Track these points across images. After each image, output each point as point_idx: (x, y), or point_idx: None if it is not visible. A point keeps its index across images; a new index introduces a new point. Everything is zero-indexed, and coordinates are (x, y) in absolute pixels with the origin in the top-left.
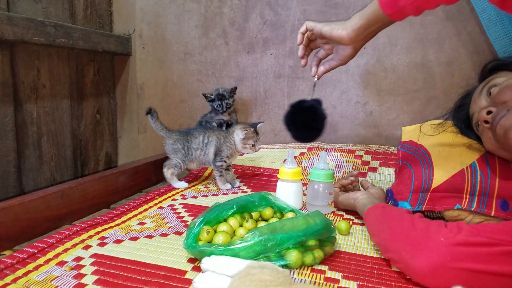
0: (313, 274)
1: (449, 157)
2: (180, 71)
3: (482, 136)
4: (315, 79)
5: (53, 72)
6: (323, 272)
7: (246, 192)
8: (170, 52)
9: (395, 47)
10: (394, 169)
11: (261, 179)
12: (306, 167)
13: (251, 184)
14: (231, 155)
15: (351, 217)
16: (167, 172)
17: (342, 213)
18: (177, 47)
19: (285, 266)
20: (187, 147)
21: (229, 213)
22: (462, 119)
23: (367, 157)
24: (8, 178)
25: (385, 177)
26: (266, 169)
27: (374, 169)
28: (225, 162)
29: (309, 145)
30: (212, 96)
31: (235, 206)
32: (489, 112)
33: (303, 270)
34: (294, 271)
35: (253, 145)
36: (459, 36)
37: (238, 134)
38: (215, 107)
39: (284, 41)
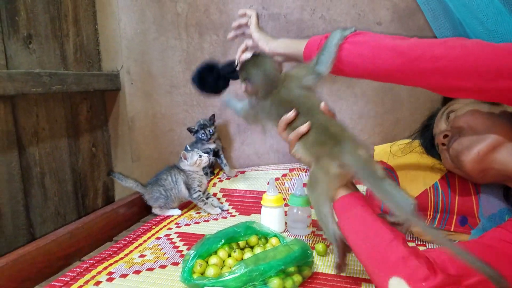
0: None
1: (414, 179)
2: (167, 103)
3: (441, 157)
4: (237, 62)
5: (50, 115)
6: None
7: (234, 215)
8: (157, 86)
9: None
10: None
11: (247, 201)
12: (288, 188)
13: (239, 206)
14: (200, 181)
15: None
16: (155, 210)
17: (321, 233)
18: (163, 80)
19: None
20: (163, 190)
21: (219, 245)
22: (427, 139)
23: None
24: (18, 217)
25: None
26: (252, 191)
27: None
28: (200, 191)
29: (290, 166)
30: (195, 128)
31: (223, 239)
32: (445, 136)
33: None
34: None
35: (200, 161)
36: None
37: (184, 164)
38: (200, 136)
39: None
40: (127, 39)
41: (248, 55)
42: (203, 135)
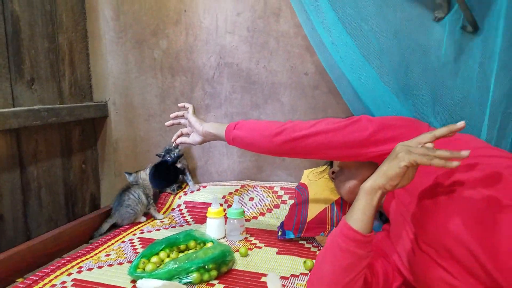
0: (206, 287)
1: (319, 198)
2: (146, 129)
3: (334, 185)
4: (174, 143)
5: (47, 141)
6: (213, 285)
7: (190, 224)
8: (137, 115)
9: (296, 112)
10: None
11: (204, 212)
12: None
13: (196, 216)
14: (151, 190)
15: (256, 241)
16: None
17: (251, 239)
18: (142, 111)
19: (189, 283)
20: (131, 209)
21: (160, 248)
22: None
23: (281, 192)
24: (18, 222)
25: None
26: (208, 203)
27: (284, 202)
28: (151, 199)
29: (242, 183)
30: (162, 153)
31: (164, 244)
32: (333, 172)
33: (201, 285)
34: (195, 286)
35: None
36: (338, 105)
37: (146, 173)
38: (166, 159)
39: (220, 106)
40: (114, 76)
41: (184, 139)
42: (169, 157)
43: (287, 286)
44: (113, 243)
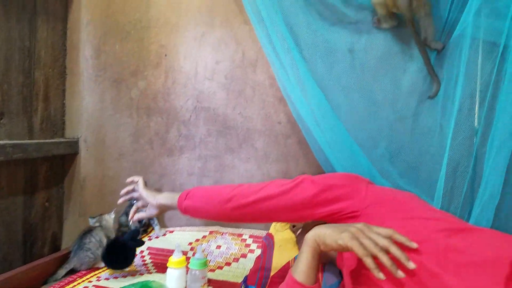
0: None
1: (284, 250)
2: (115, 168)
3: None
4: (130, 222)
5: (10, 176)
6: None
7: (151, 272)
8: (108, 153)
9: (269, 158)
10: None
11: (167, 260)
12: (204, 249)
13: (159, 264)
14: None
15: None
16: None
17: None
18: (114, 149)
19: None
20: (91, 253)
21: None
22: None
23: (249, 240)
24: None
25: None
26: (172, 250)
27: (252, 251)
28: None
29: (210, 229)
30: (128, 202)
31: None
32: (294, 225)
33: None
34: None
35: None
36: (309, 154)
37: (110, 217)
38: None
39: (194, 148)
40: (88, 114)
41: (141, 215)
42: (135, 228)
43: None
44: None
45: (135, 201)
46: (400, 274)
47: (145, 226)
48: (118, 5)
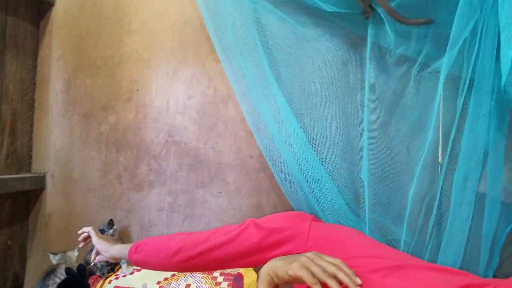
0: None
1: None
2: (83, 204)
3: None
4: (92, 263)
5: None
6: None
7: None
8: (75, 189)
9: (240, 193)
10: None
11: None
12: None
13: None
14: None
15: None
16: None
17: None
18: (81, 185)
19: None
20: None
21: None
22: None
23: (220, 278)
24: None
25: None
26: None
27: None
28: None
29: None
30: (102, 228)
31: None
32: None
33: None
34: None
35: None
36: (279, 189)
37: (74, 254)
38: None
39: (165, 183)
40: (56, 148)
41: (101, 257)
42: (94, 268)
43: None
44: None
45: None
46: None
47: (112, 265)
48: (90, 41)
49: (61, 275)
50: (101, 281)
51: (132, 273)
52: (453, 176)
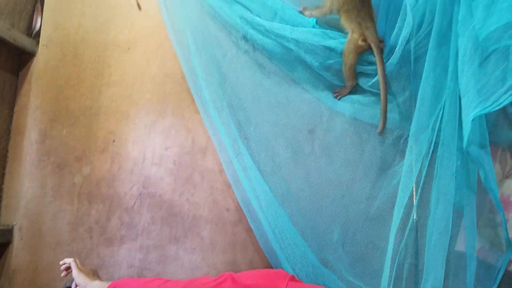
0: None
1: None
2: (50, 258)
3: None
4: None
5: None
6: None
7: None
8: (43, 243)
9: (215, 248)
10: None
11: None
12: None
13: None
14: None
15: None
16: None
17: None
18: (50, 238)
19: None
20: None
21: None
22: None
23: None
24: None
25: None
26: None
27: None
28: None
29: None
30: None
31: None
32: None
33: None
34: None
35: None
36: (256, 243)
37: None
38: None
39: (136, 238)
40: (27, 200)
41: None
42: None
43: None
44: None
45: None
46: None
47: None
48: (69, 91)
49: None
50: None
51: None
52: (426, 233)
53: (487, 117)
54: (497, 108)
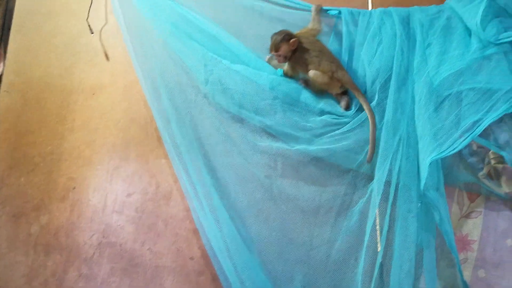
0: None
1: None
2: None
3: None
4: None
5: None
6: None
7: None
8: None
9: None
10: None
11: None
12: None
13: None
14: None
15: None
16: None
17: None
18: None
19: None
20: None
21: None
22: None
23: None
24: None
25: None
26: None
27: None
28: None
29: None
30: None
31: None
32: None
33: None
34: None
35: None
36: None
37: None
38: None
39: None
40: None
41: None
42: None
43: None
44: None
45: None
46: None
47: None
48: (29, 137)
49: None
50: None
51: None
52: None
53: (443, 160)
54: (453, 152)
